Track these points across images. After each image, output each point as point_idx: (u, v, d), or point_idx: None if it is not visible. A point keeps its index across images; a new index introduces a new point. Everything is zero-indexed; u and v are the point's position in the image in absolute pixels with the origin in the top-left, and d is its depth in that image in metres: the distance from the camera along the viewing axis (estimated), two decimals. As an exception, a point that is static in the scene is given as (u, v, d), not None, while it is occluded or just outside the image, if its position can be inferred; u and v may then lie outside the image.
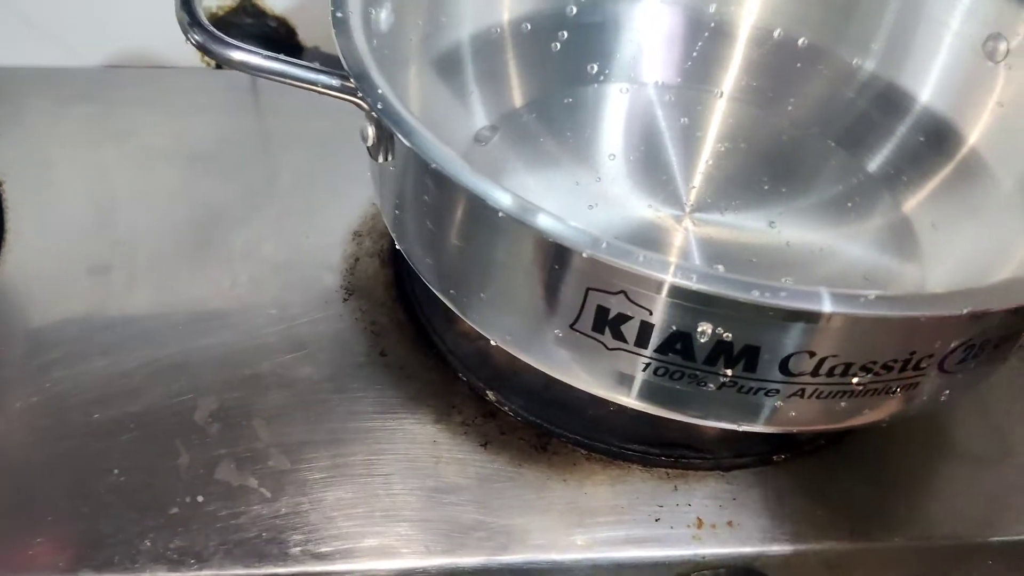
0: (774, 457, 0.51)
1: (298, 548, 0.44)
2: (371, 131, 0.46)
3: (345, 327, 0.54)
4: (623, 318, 0.40)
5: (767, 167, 0.63)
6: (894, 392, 0.43)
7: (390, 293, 0.56)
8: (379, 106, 0.42)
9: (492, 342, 0.46)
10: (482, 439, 0.50)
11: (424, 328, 0.55)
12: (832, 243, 0.58)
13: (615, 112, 0.66)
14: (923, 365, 0.42)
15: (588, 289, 0.40)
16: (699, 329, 0.40)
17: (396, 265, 0.58)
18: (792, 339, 0.39)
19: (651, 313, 0.40)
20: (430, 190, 0.44)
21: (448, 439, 0.50)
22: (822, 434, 0.53)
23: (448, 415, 0.51)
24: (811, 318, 0.38)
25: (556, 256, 0.40)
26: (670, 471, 0.50)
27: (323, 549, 0.44)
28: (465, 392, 0.52)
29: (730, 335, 0.39)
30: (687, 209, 0.60)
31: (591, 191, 0.61)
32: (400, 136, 0.41)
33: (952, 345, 0.42)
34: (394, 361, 0.53)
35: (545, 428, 0.51)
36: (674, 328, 0.40)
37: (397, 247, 0.49)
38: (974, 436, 0.54)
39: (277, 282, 0.56)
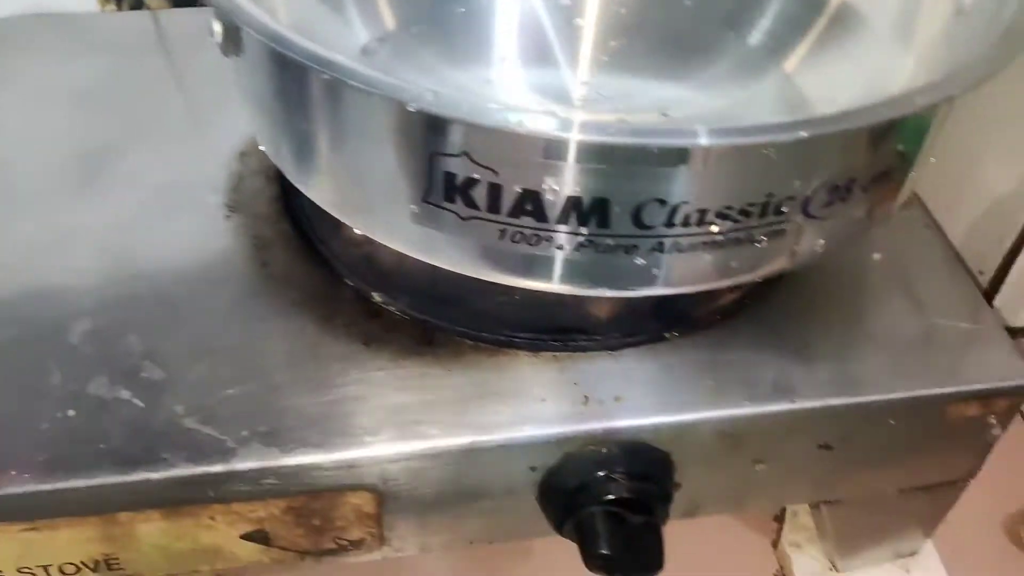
0: (666, 334, 0.50)
1: (169, 455, 0.43)
2: (217, 27, 0.45)
3: (227, 243, 0.53)
4: (471, 183, 0.39)
5: (657, 57, 0.62)
6: (761, 242, 0.42)
7: (275, 207, 0.55)
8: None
9: (357, 230, 0.45)
10: (364, 338, 0.49)
11: (309, 238, 0.54)
12: (724, 120, 0.57)
13: (506, 16, 0.65)
14: (784, 209, 0.41)
15: (432, 155, 0.39)
16: (544, 185, 0.39)
17: (282, 180, 0.57)
18: (638, 185, 0.38)
19: (496, 173, 0.39)
20: (273, 74, 0.43)
21: (330, 340, 0.49)
22: (717, 310, 0.52)
23: (330, 318, 0.50)
24: (652, 159, 0.37)
25: (393, 120, 0.39)
26: (558, 355, 0.49)
27: (198, 454, 0.43)
28: (350, 296, 0.51)
29: (576, 188, 0.38)
30: (578, 104, 0.59)
31: (483, 94, 0.60)
32: (233, 18, 0.40)
33: (813, 185, 0.41)
34: (276, 271, 0.52)
35: (430, 324, 0.50)
36: (520, 187, 0.39)
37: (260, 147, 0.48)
38: (872, 302, 0.54)
39: (159, 206, 0.55)
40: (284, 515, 0.46)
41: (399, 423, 0.45)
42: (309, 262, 0.52)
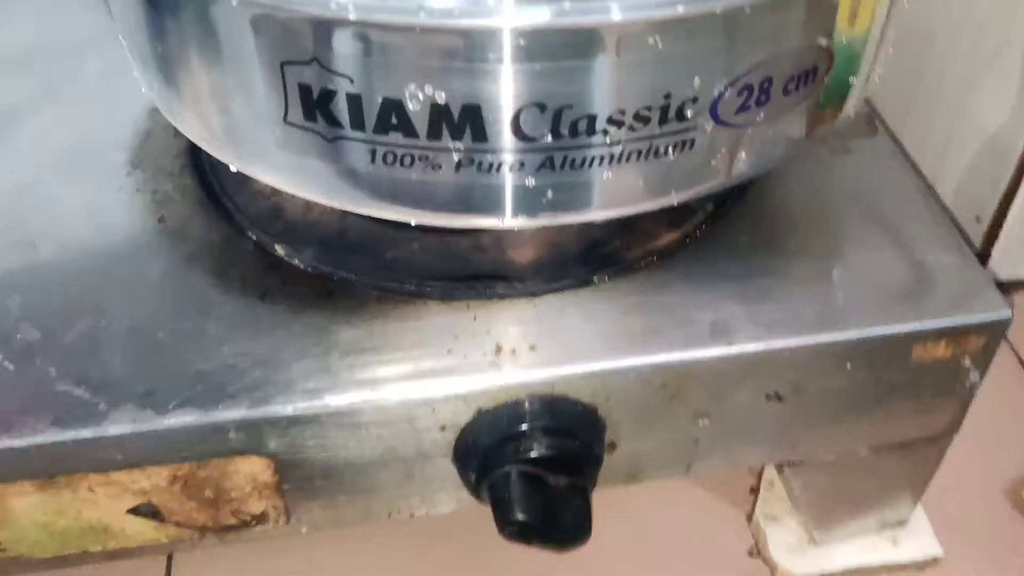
0: (594, 278, 0.46)
1: (36, 420, 0.40)
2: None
3: (124, 199, 0.50)
4: (328, 95, 0.35)
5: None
6: (668, 154, 0.37)
7: (180, 162, 0.52)
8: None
9: (231, 166, 0.41)
10: (260, 292, 0.45)
11: (214, 193, 0.50)
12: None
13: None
14: (688, 113, 0.36)
15: (283, 64, 0.35)
16: (407, 92, 0.34)
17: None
18: (509, 87, 0.34)
19: (352, 81, 0.34)
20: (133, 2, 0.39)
21: (222, 295, 0.45)
22: (651, 252, 0.47)
23: (225, 272, 0.46)
24: (527, 52, 0.33)
25: (239, 28, 0.35)
26: (472, 303, 0.44)
27: (67, 418, 0.40)
28: (249, 250, 0.47)
29: (442, 94, 0.34)
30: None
31: None
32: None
33: (719, 84, 0.36)
34: (172, 226, 0.48)
35: (333, 275, 0.46)
36: (381, 97, 0.35)
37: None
38: (827, 237, 0.48)
39: (62, 165, 0.52)
40: (171, 486, 0.42)
41: (289, 380, 0.41)
42: (210, 216, 0.49)
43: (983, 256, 0.70)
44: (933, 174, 0.51)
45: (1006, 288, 0.72)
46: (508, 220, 0.38)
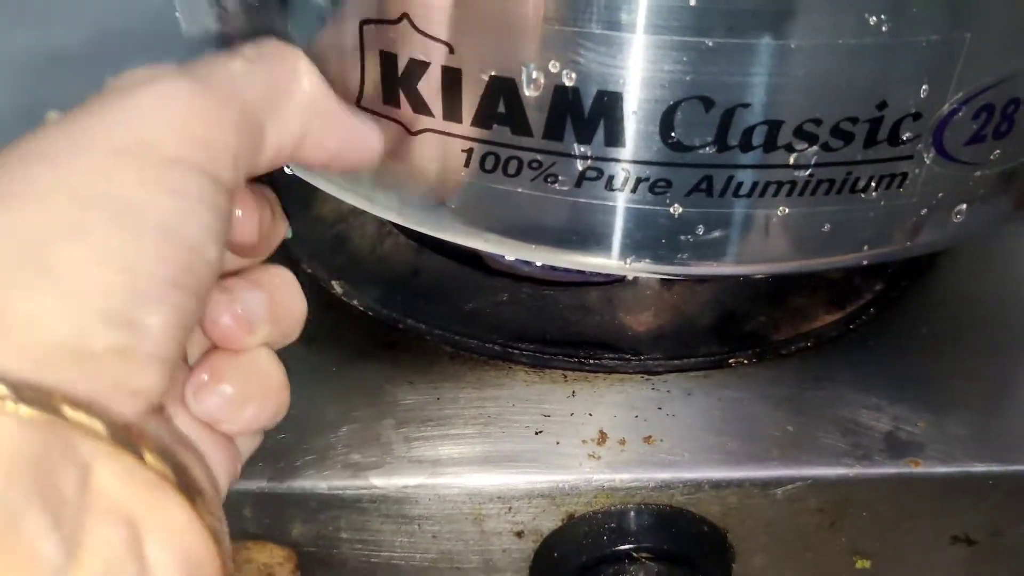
0: (731, 361, 0.35)
1: None
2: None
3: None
4: (418, 68, 0.26)
5: None
6: (869, 191, 0.27)
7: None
8: None
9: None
10: (306, 336, 0.35)
11: (269, 214, 0.41)
12: None
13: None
14: (905, 135, 0.26)
15: (362, 24, 0.26)
16: (525, 71, 0.25)
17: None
18: (662, 70, 0.24)
19: (451, 50, 0.25)
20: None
21: (259, 334, 0.35)
22: (807, 334, 0.36)
23: (267, 306, 0.36)
24: (653, 6, 0.24)
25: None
26: (570, 374, 0.34)
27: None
28: (302, 283, 0.38)
29: (571, 75, 0.25)
30: None
31: None
32: None
33: (952, 97, 0.26)
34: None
35: (398, 322, 0.36)
36: (489, 73, 0.25)
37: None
38: (1019, 330, 0.37)
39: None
40: (162, 570, 0.32)
41: (326, 449, 0.32)
42: (260, 240, 0.40)
43: None
44: None
45: None
46: (638, 264, 0.28)
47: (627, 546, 0.32)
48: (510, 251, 0.30)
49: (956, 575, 0.35)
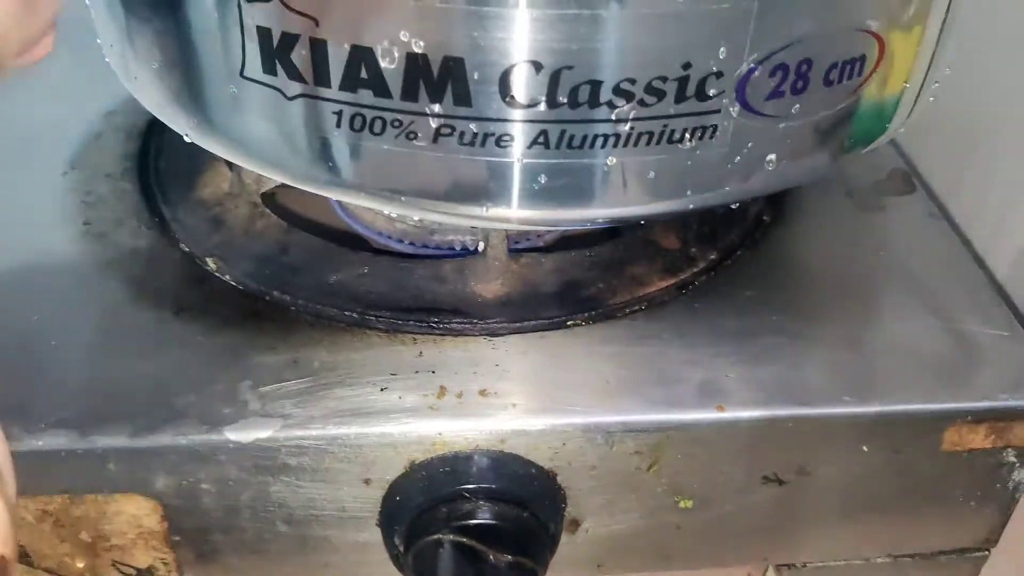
0: (568, 323, 0.39)
1: None
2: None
3: (54, 198, 0.44)
4: (290, 40, 0.29)
5: None
6: (685, 141, 0.31)
7: (123, 165, 0.46)
8: None
9: (185, 135, 0.35)
10: (176, 307, 0.39)
11: (153, 199, 0.44)
12: None
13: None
14: (710, 91, 0.30)
15: (240, 3, 0.29)
16: (379, 39, 0.28)
17: (145, 139, 0.48)
18: (499, 37, 0.28)
19: (317, 23, 0.29)
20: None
21: (130, 306, 0.39)
22: (642, 298, 0.40)
23: (141, 282, 0.40)
24: None
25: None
26: (419, 337, 0.38)
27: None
28: (175, 259, 0.41)
29: (420, 43, 0.28)
30: None
31: None
32: None
33: (749, 58, 0.30)
34: (96, 230, 0.42)
35: (267, 295, 0.39)
36: (349, 44, 0.29)
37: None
38: (831, 295, 0.41)
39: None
40: (39, 523, 0.35)
41: (186, 407, 0.35)
42: (141, 223, 0.43)
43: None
44: (984, 255, 0.44)
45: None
46: (489, 209, 0.32)
47: (463, 488, 0.35)
48: (383, 205, 0.33)
49: (770, 513, 0.38)
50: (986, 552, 0.42)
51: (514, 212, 0.33)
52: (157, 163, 0.47)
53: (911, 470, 0.38)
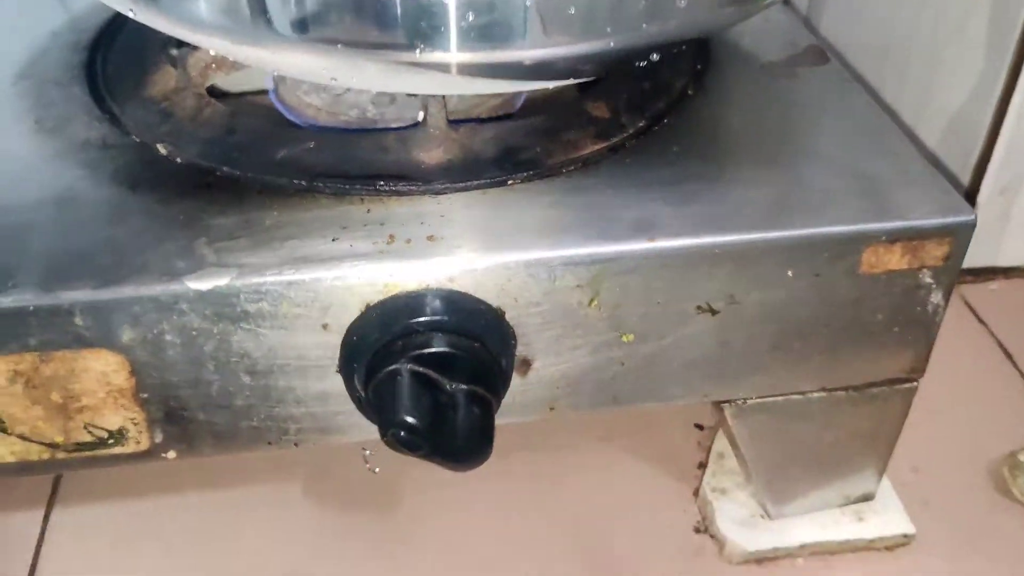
0: (508, 182, 0.41)
1: None
2: None
3: (4, 105, 0.45)
4: None
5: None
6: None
7: (71, 74, 0.48)
8: None
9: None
10: (131, 183, 0.40)
11: (102, 100, 0.46)
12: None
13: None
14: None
15: None
16: None
17: (91, 51, 0.49)
18: None
19: None
20: None
21: (88, 186, 0.40)
22: (575, 160, 0.42)
23: (96, 166, 0.41)
24: None
25: None
26: (367, 199, 0.40)
27: None
28: (128, 146, 0.43)
29: None
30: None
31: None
32: None
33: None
34: (48, 127, 0.44)
35: (217, 170, 0.41)
36: None
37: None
38: (751, 147, 0.44)
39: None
40: (11, 384, 0.37)
41: (146, 263, 0.36)
42: (92, 119, 0.45)
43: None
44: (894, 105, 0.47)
45: (976, 274, 0.67)
46: (423, 52, 0.34)
47: (417, 322, 0.37)
48: (322, 61, 0.35)
49: (707, 345, 0.41)
50: (915, 383, 0.45)
51: (447, 55, 0.35)
52: (104, 70, 0.48)
53: (834, 295, 0.40)
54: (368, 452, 0.52)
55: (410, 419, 0.35)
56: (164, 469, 0.53)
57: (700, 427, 0.56)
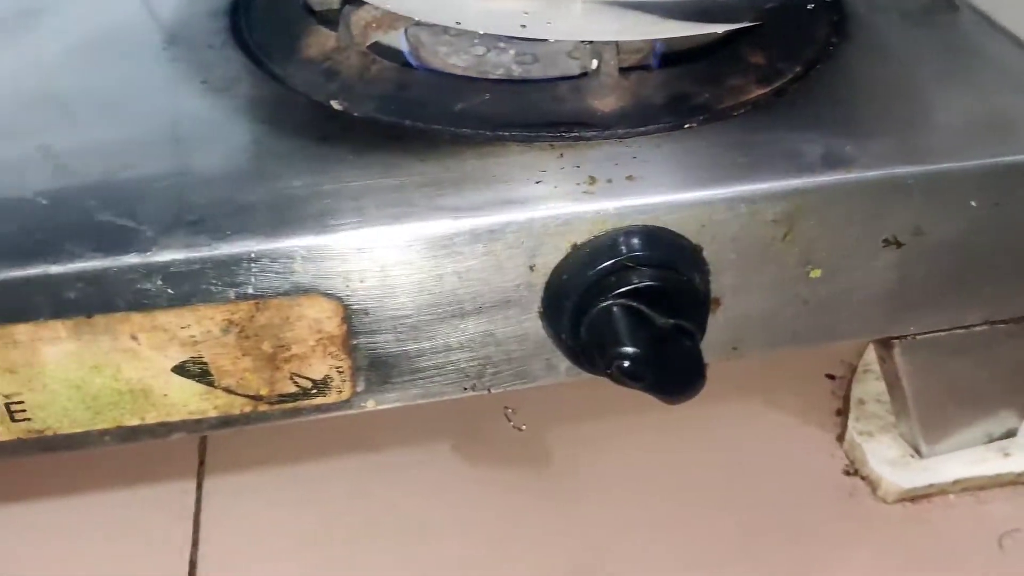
0: (685, 126, 0.42)
1: (74, 246, 0.35)
2: None
3: (162, 67, 0.46)
4: None
5: None
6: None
7: (220, 38, 0.48)
8: None
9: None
10: (319, 136, 0.41)
11: (260, 61, 0.46)
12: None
13: None
14: None
15: None
16: None
17: (232, 16, 0.50)
18: None
19: None
20: None
21: (275, 139, 0.41)
22: (744, 103, 0.43)
23: (277, 121, 0.42)
24: None
25: None
26: (556, 144, 0.40)
27: (110, 244, 0.35)
28: (302, 103, 0.43)
29: None
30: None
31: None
32: None
33: None
34: (216, 86, 0.44)
35: (401, 123, 0.41)
36: None
37: None
38: (911, 88, 0.45)
39: (93, 47, 0.48)
40: (224, 334, 0.37)
41: (361, 207, 0.37)
42: (257, 78, 0.45)
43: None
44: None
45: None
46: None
47: (624, 260, 0.37)
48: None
49: (889, 277, 0.42)
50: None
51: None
52: (252, 36, 0.48)
53: (1011, 224, 0.41)
54: (510, 410, 0.52)
55: (634, 350, 0.35)
56: (314, 436, 0.53)
57: (832, 377, 0.57)
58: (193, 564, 0.48)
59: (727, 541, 0.48)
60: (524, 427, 0.53)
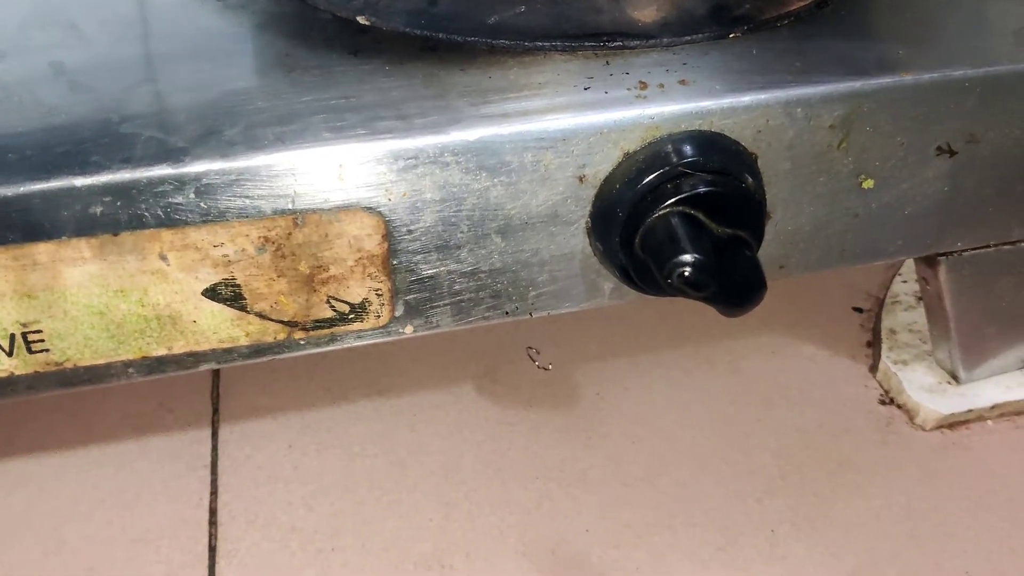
0: (731, 35, 0.40)
1: (100, 157, 0.32)
2: None
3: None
4: None
5: None
6: None
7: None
8: None
9: None
10: (351, 49, 0.38)
11: (277, -18, 0.44)
12: None
13: None
14: None
15: None
16: None
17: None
18: None
19: None
20: None
21: (306, 53, 0.38)
22: (788, 14, 0.41)
23: (305, 35, 0.39)
24: None
25: None
26: (600, 52, 0.38)
27: (139, 156, 0.33)
28: (327, 19, 0.41)
29: None
30: None
31: None
32: None
33: None
34: (232, 3, 0.41)
35: (434, 36, 0.39)
36: None
37: None
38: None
39: None
40: (259, 253, 0.35)
41: (405, 115, 0.35)
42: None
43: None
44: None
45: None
46: None
47: (680, 167, 0.36)
48: None
49: (941, 188, 0.41)
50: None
51: None
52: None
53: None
54: (534, 351, 0.51)
55: (697, 256, 0.34)
56: (328, 381, 0.51)
57: (859, 310, 0.56)
58: (213, 512, 0.46)
59: (765, 474, 0.47)
60: (551, 366, 0.51)
